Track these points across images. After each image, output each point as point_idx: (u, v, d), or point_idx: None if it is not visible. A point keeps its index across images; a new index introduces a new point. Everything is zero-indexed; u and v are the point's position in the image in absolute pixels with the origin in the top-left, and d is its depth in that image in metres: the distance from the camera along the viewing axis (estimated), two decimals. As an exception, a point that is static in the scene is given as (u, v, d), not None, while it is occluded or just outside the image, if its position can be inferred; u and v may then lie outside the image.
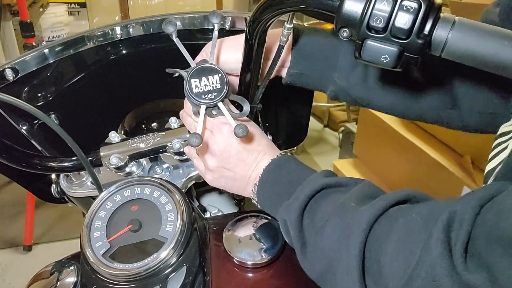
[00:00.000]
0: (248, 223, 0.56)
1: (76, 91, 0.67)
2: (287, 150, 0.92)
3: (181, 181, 0.60)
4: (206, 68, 0.45)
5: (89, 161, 0.55)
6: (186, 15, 0.66)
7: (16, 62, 0.59)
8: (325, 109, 2.79)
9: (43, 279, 0.53)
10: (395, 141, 1.47)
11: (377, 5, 0.33)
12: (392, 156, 1.52)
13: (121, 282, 0.46)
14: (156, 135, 0.58)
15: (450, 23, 0.33)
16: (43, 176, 0.69)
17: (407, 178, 1.47)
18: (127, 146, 0.57)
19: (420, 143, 1.37)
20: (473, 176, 1.20)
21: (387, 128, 1.50)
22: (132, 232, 0.48)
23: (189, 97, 0.45)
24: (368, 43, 0.34)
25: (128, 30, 0.65)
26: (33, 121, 0.62)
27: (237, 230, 0.55)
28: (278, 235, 0.53)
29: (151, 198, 0.51)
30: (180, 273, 0.47)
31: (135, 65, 0.69)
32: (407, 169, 1.46)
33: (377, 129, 1.57)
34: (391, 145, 1.50)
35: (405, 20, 0.33)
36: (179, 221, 0.48)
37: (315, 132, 2.77)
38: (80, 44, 0.64)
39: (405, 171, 1.47)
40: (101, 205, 0.51)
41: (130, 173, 0.59)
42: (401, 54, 0.34)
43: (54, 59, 0.62)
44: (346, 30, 0.35)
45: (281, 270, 0.52)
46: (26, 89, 0.62)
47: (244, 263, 0.51)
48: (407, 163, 1.45)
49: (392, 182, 1.55)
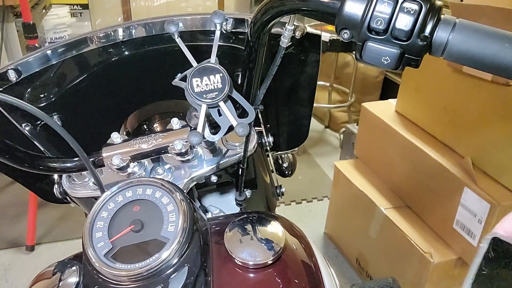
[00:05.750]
0: (250, 223, 0.56)
1: (78, 92, 0.67)
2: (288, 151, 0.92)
3: (182, 182, 0.60)
4: (207, 67, 0.45)
5: (91, 162, 0.55)
6: (188, 16, 0.67)
7: (19, 63, 0.60)
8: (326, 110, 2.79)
9: (46, 279, 0.53)
10: (395, 142, 1.47)
11: (378, 7, 0.33)
12: (392, 157, 1.52)
13: (123, 282, 0.46)
14: (158, 136, 0.58)
15: (451, 24, 0.33)
16: (46, 177, 0.70)
17: (408, 178, 1.47)
18: (129, 147, 0.57)
19: (420, 144, 1.37)
20: (474, 177, 1.20)
21: (387, 129, 1.50)
22: (134, 233, 0.49)
23: (190, 97, 0.45)
24: (368, 45, 0.34)
25: (130, 32, 0.65)
26: (35, 122, 0.63)
27: (239, 230, 0.55)
28: (280, 235, 0.54)
29: (153, 199, 0.51)
30: (181, 273, 0.47)
31: (137, 66, 0.70)
32: (407, 170, 1.46)
33: (378, 130, 1.57)
34: (392, 146, 1.50)
35: (406, 22, 0.33)
36: (181, 222, 0.48)
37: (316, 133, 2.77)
38: (83, 46, 0.64)
39: (406, 172, 1.47)
40: (103, 205, 0.51)
41: (132, 173, 0.59)
42: (401, 55, 0.34)
43: (56, 60, 0.62)
44: (347, 31, 0.35)
45: (283, 270, 0.52)
46: (28, 90, 0.62)
47: (246, 263, 0.51)
48: (407, 164, 1.45)
49: (393, 183, 1.55)
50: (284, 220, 0.59)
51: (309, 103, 0.77)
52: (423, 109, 1.45)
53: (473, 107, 1.24)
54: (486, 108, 1.20)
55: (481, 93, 1.20)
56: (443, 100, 1.35)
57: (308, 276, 0.53)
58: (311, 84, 0.74)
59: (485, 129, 1.21)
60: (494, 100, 1.17)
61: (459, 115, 1.30)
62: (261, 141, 0.72)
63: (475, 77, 1.19)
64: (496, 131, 1.17)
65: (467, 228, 1.24)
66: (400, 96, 1.56)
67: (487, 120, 1.20)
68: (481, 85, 1.19)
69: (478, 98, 1.22)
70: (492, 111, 1.18)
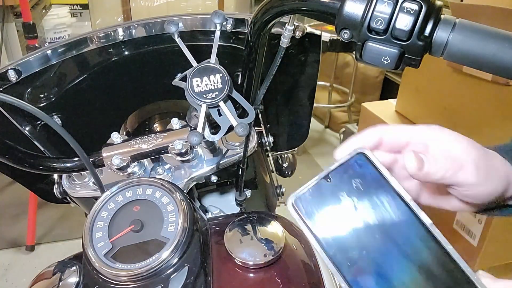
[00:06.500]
0: (250, 223, 0.56)
1: (78, 92, 0.67)
2: (288, 151, 0.92)
3: (182, 182, 0.60)
4: (207, 67, 0.45)
5: (91, 162, 0.55)
6: (188, 16, 0.67)
7: (19, 63, 0.60)
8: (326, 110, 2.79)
9: (46, 279, 0.53)
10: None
11: (378, 7, 0.33)
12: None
13: (123, 282, 0.46)
14: (158, 136, 0.58)
15: (451, 24, 0.33)
16: (46, 177, 0.70)
17: (409, 179, 1.47)
18: (129, 147, 0.57)
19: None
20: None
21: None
22: (134, 233, 0.49)
23: (190, 97, 0.45)
24: (368, 45, 0.34)
25: (130, 32, 0.65)
26: (35, 122, 0.63)
27: (239, 230, 0.55)
28: (280, 235, 0.54)
29: (152, 199, 0.51)
30: (181, 274, 0.47)
31: (137, 66, 0.70)
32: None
33: (379, 130, 1.57)
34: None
35: (406, 22, 0.33)
36: (181, 222, 0.48)
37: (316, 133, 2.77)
38: (83, 46, 0.64)
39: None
40: (103, 205, 0.51)
41: (132, 173, 0.59)
42: (401, 55, 0.34)
43: (56, 60, 0.62)
44: (347, 31, 0.35)
45: (283, 270, 0.52)
46: (28, 90, 0.62)
47: (246, 263, 0.51)
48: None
49: (394, 183, 1.55)
50: (284, 220, 0.59)
51: (309, 103, 0.77)
52: (423, 109, 1.45)
53: (473, 107, 1.24)
54: (486, 108, 1.20)
55: (481, 93, 1.20)
56: (443, 100, 1.35)
57: (308, 276, 0.53)
58: (311, 84, 0.74)
59: (485, 129, 1.21)
60: (494, 100, 1.17)
61: (459, 115, 1.30)
62: (261, 141, 0.72)
63: (475, 77, 1.19)
64: (496, 131, 1.17)
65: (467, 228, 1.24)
66: (400, 96, 1.56)
67: (487, 120, 1.20)
68: (481, 85, 1.19)
69: (478, 98, 1.22)
70: (492, 111, 1.18)
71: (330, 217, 0.31)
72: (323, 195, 0.31)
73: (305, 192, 0.32)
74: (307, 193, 0.32)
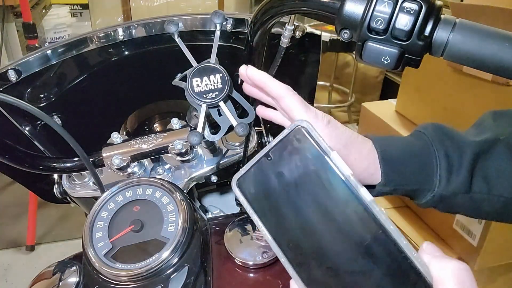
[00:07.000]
0: (250, 223, 0.56)
1: (78, 92, 0.67)
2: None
3: (182, 182, 0.60)
4: (207, 67, 0.46)
5: (91, 162, 0.55)
6: (188, 16, 0.67)
7: (19, 63, 0.60)
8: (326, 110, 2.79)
9: (46, 279, 0.53)
10: (396, 142, 1.46)
11: (378, 7, 0.33)
12: (393, 157, 1.52)
13: (123, 282, 0.46)
14: (158, 136, 0.58)
15: (451, 24, 0.33)
16: (46, 177, 0.70)
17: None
18: (129, 147, 0.57)
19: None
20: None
21: (388, 129, 1.50)
22: (134, 233, 0.49)
23: (190, 97, 0.45)
24: (368, 45, 0.34)
25: (130, 32, 0.65)
26: (35, 122, 0.63)
27: (239, 230, 0.55)
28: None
29: (152, 199, 0.51)
30: (181, 273, 0.47)
31: (137, 66, 0.70)
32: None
33: (378, 130, 1.57)
34: (393, 146, 1.50)
35: (406, 22, 0.33)
36: (181, 222, 0.49)
37: (316, 133, 2.76)
38: (83, 45, 0.64)
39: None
40: (103, 205, 0.51)
41: (132, 173, 0.59)
42: (401, 55, 0.34)
43: (56, 60, 0.63)
44: (347, 31, 0.35)
45: (282, 270, 0.52)
46: (28, 90, 0.62)
47: (246, 263, 0.51)
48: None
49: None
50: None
51: (309, 103, 0.76)
52: (423, 109, 1.45)
53: (473, 107, 1.24)
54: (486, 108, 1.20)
55: (481, 93, 1.20)
56: (443, 100, 1.35)
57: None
58: (311, 84, 0.74)
59: (485, 129, 1.20)
60: (494, 100, 1.17)
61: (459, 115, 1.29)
62: (261, 141, 0.72)
63: (475, 77, 1.19)
64: (496, 131, 1.17)
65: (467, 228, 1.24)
66: (400, 96, 1.56)
67: (487, 120, 1.20)
68: (481, 85, 1.18)
69: (478, 98, 1.22)
70: (492, 111, 1.18)
71: (272, 196, 0.29)
72: (264, 173, 0.30)
73: (248, 171, 0.30)
74: (249, 172, 0.30)
